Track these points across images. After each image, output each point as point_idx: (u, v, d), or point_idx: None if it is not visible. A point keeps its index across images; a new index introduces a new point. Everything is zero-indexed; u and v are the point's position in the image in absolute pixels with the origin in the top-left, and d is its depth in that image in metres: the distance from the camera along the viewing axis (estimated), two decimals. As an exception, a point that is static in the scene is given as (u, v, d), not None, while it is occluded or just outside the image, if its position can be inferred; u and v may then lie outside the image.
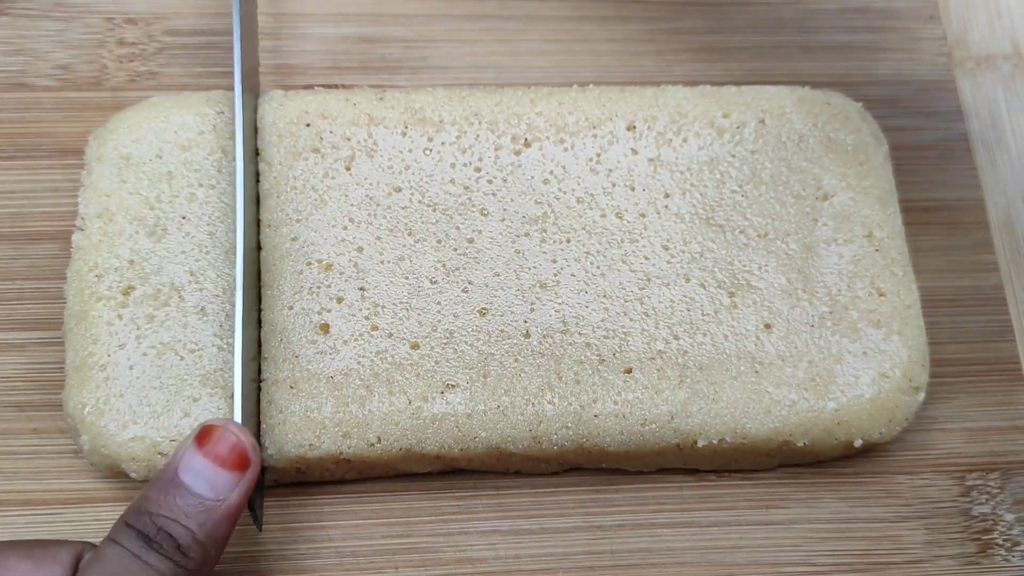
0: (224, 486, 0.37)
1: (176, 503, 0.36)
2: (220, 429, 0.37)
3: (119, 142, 0.44)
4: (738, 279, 0.44)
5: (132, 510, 0.36)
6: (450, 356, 0.42)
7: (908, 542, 0.45)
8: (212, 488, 0.36)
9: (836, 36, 0.54)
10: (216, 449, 0.37)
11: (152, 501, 0.36)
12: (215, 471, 0.37)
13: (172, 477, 0.36)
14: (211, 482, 0.36)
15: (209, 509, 0.36)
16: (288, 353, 0.42)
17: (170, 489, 0.36)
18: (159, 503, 0.36)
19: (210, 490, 0.36)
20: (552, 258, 0.44)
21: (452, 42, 0.53)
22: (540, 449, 0.41)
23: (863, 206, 0.45)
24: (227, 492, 0.37)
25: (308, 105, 0.45)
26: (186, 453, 0.37)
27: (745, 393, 0.42)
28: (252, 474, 0.37)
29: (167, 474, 0.37)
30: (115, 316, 0.41)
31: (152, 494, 0.36)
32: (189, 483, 0.36)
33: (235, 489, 0.37)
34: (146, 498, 0.36)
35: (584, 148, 0.45)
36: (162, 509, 0.36)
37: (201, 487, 0.36)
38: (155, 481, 0.37)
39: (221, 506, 0.36)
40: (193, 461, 0.37)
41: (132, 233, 0.43)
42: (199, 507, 0.36)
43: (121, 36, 0.51)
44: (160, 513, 0.36)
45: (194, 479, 0.36)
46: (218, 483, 0.36)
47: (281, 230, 0.44)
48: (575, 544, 0.44)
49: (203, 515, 0.36)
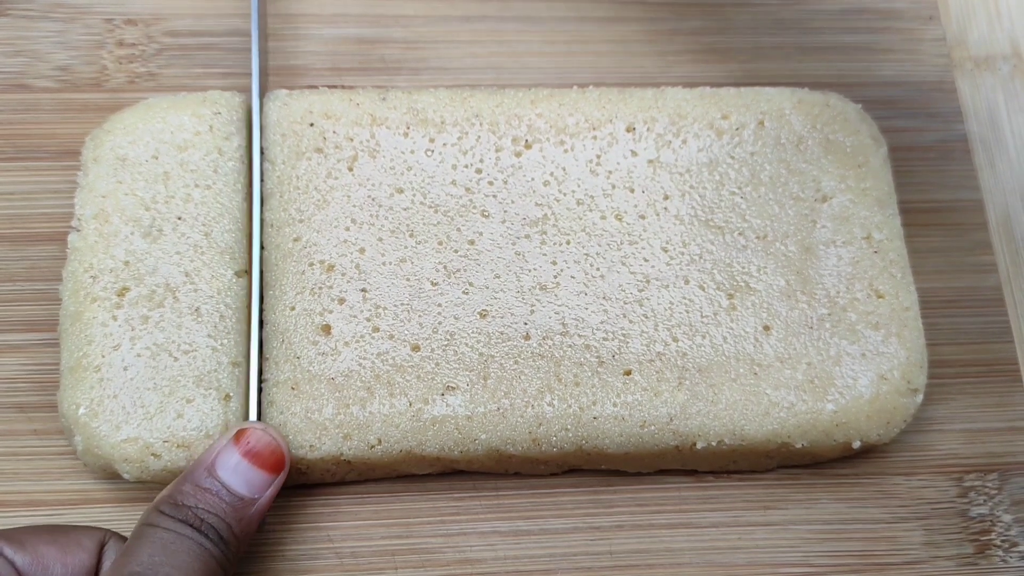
0: (260, 485, 0.38)
1: (214, 499, 0.37)
2: (258, 431, 0.39)
3: (115, 143, 0.44)
4: (737, 281, 0.44)
5: (167, 502, 0.36)
6: (450, 358, 0.42)
7: (906, 543, 0.45)
8: (248, 486, 0.37)
9: (835, 37, 0.54)
10: (254, 449, 0.38)
11: (189, 495, 0.37)
12: (253, 471, 0.38)
13: (207, 475, 0.37)
14: (248, 481, 0.37)
15: (246, 506, 0.37)
16: (289, 354, 0.42)
17: (207, 485, 0.37)
18: (197, 498, 0.37)
19: (247, 488, 0.37)
20: (552, 260, 0.44)
21: (452, 43, 0.53)
22: (539, 451, 0.41)
23: (862, 208, 0.45)
24: (262, 491, 0.38)
25: (312, 105, 0.45)
26: (224, 451, 0.38)
27: (744, 395, 0.42)
28: (284, 475, 0.39)
29: (201, 470, 0.37)
30: (110, 317, 0.42)
31: (188, 488, 0.37)
32: (227, 480, 0.37)
33: (269, 489, 0.38)
34: (181, 492, 0.37)
35: (584, 150, 0.46)
36: (201, 503, 0.36)
37: (238, 485, 0.37)
38: (189, 476, 0.37)
39: (256, 504, 0.37)
40: (232, 460, 0.38)
41: (128, 234, 0.43)
42: (237, 503, 0.37)
43: (121, 37, 0.51)
44: (200, 507, 0.36)
45: (232, 477, 0.37)
46: (255, 482, 0.38)
47: (284, 230, 0.44)
48: (574, 545, 0.44)
49: (240, 511, 0.37)
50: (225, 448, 0.38)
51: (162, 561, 0.35)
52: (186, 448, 0.40)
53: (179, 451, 0.40)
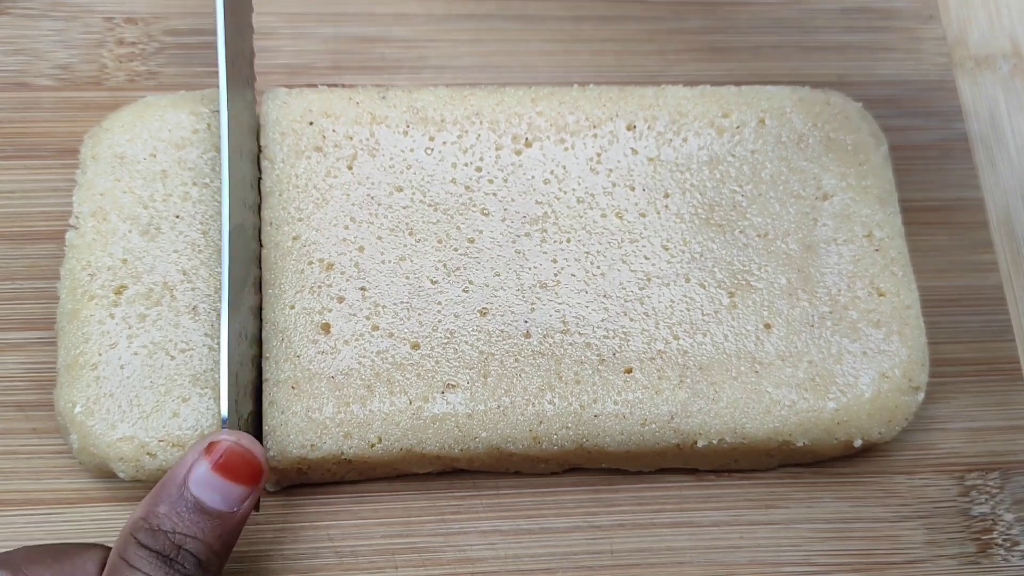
0: (236, 498, 0.36)
1: (191, 518, 0.35)
2: (229, 441, 0.36)
3: (114, 141, 0.44)
4: (738, 279, 0.44)
5: (142, 527, 0.35)
6: (450, 356, 0.42)
7: (908, 542, 0.45)
8: (224, 501, 0.36)
9: (836, 36, 0.55)
10: (227, 462, 0.36)
11: (164, 517, 0.35)
12: (226, 484, 0.36)
13: (181, 491, 0.35)
14: (223, 495, 0.36)
15: (224, 522, 0.35)
16: (289, 353, 0.42)
17: (181, 503, 0.35)
18: (172, 519, 0.35)
19: (224, 503, 0.36)
20: (552, 258, 0.44)
21: (452, 42, 0.53)
22: (540, 449, 0.41)
23: (863, 206, 0.45)
24: (239, 504, 0.36)
25: (312, 103, 0.45)
26: (196, 465, 0.36)
27: (745, 393, 0.42)
28: (263, 484, 0.37)
29: (174, 487, 0.35)
30: (107, 315, 0.41)
31: (163, 509, 0.35)
32: (202, 497, 0.35)
33: (246, 501, 0.36)
34: (155, 514, 0.35)
35: (584, 148, 0.45)
36: (178, 526, 0.35)
37: (215, 500, 0.35)
38: (159, 493, 0.36)
39: (235, 517, 0.36)
40: (204, 476, 0.36)
41: (125, 232, 0.43)
42: (215, 520, 0.35)
43: (121, 36, 0.51)
44: (177, 531, 0.35)
45: (205, 493, 0.35)
46: (231, 496, 0.36)
47: (283, 229, 0.44)
48: (575, 544, 0.44)
49: (219, 528, 0.35)
50: (197, 461, 0.36)
51: None
52: (182, 448, 0.40)
53: (175, 450, 0.40)
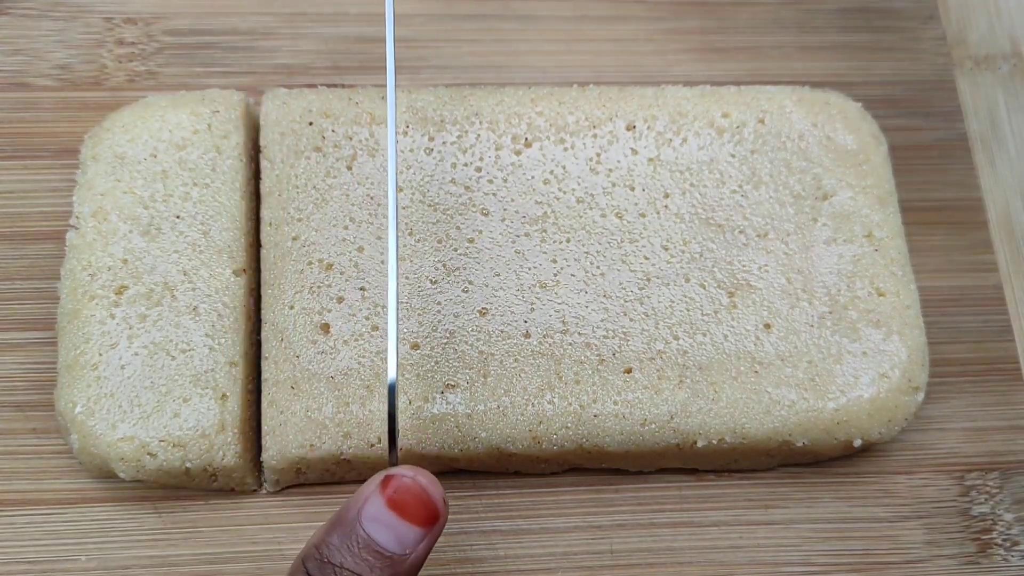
0: (411, 540, 0.34)
1: (361, 555, 0.33)
2: (406, 478, 0.34)
3: (114, 141, 0.44)
4: (738, 279, 0.44)
5: (313, 556, 0.33)
6: (450, 356, 0.42)
7: (907, 542, 0.45)
8: (398, 542, 0.33)
9: (836, 36, 0.55)
10: (401, 499, 0.34)
11: (335, 550, 0.33)
12: (400, 524, 0.33)
13: (354, 526, 0.33)
14: (397, 535, 0.33)
15: (396, 563, 0.33)
16: (289, 353, 0.42)
17: (352, 538, 0.33)
18: (342, 553, 0.33)
19: (396, 544, 0.33)
20: (552, 258, 0.44)
21: (452, 42, 0.53)
22: (540, 449, 0.41)
23: (863, 206, 0.45)
24: (414, 546, 0.34)
25: (311, 104, 0.45)
26: (371, 501, 0.34)
27: (745, 393, 0.42)
28: (439, 528, 0.34)
29: (348, 520, 0.34)
30: (107, 315, 0.41)
31: (334, 540, 0.33)
32: (374, 534, 0.33)
33: (422, 543, 0.34)
34: (327, 544, 0.33)
35: (584, 148, 0.45)
36: (347, 562, 0.33)
37: (386, 539, 0.33)
38: (336, 522, 0.34)
39: (407, 560, 0.33)
40: (379, 512, 0.34)
41: (126, 232, 0.43)
42: (385, 560, 0.33)
43: (120, 36, 0.51)
44: (345, 567, 0.33)
45: (379, 531, 0.33)
46: (405, 537, 0.33)
47: (282, 229, 0.44)
48: (575, 544, 0.44)
49: (389, 570, 0.33)
50: (372, 495, 0.34)
51: None
52: (182, 448, 0.40)
53: (175, 450, 0.40)
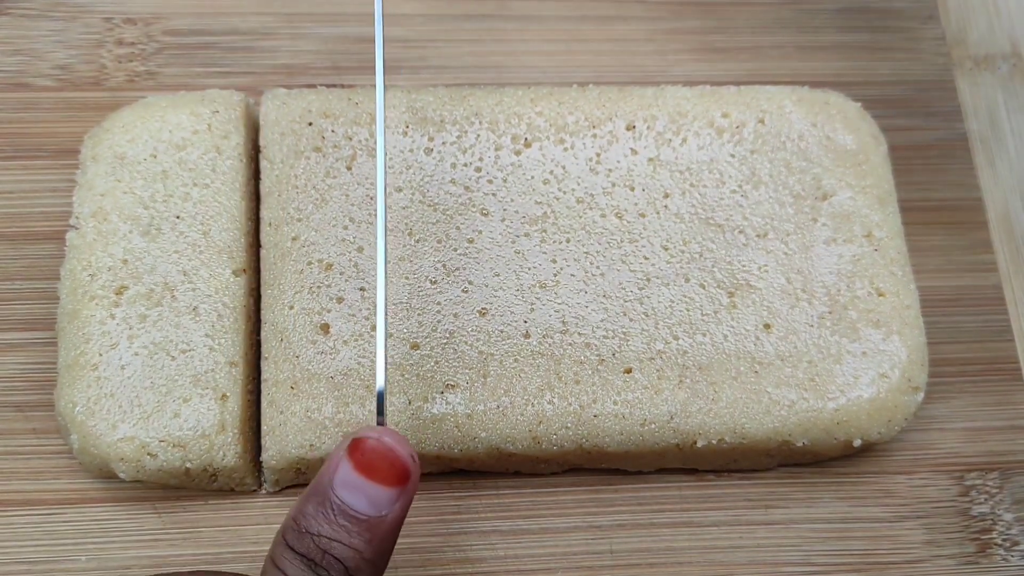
0: (384, 501, 0.33)
1: (338, 522, 0.33)
2: (372, 439, 0.34)
3: (114, 141, 0.44)
4: (737, 279, 0.44)
5: (291, 528, 0.33)
6: (450, 356, 0.42)
7: (907, 542, 0.45)
8: (372, 505, 0.33)
9: (835, 36, 0.55)
10: (368, 461, 0.33)
11: (311, 519, 0.33)
12: (371, 486, 0.33)
13: (327, 494, 0.33)
14: (369, 497, 0.33)
15: (372, 526, 0.33)
16: (288, 353, 0.42)
17: (327, 506, 0.33)
18: (319, 521, 0.33)
19: (369, 506, 0.33)
20: (552, 258, 0.44)
21: (451, 42, 0.53)
22: (540, 449, 0.41)
23: (862, 206, 0.45)
24: (388, 507, 0.33)
25: (311, 104, 0.45)
26: (340, 467, 0.33)
27: (744, 393, 0.42)
28: (412, 486, 0.34)
29: (321, 488, 0.33)
30: (107, 315, 0.41)
31: (310, 510, 0.33)
32: (348, 500, 0.33)
33: (397, 502, 0.33)
34: (303, 514, 0.33)
35: (584, 148, 0.46)
36: (324, 530, 0.33)
37: (359, 503, 0.33)
38: (310, 493, 0.34)
39: (384, 521, 0.33)
40: (347, 474, 0.33)
41: (126, 232, 0.43)
42: (362, 524, 0.33)
43: (120, 36, 0.51)
44: (323, 535, 0.33)
45: (352, 496, 0.33)
46: (377, 498, 0.33)
47: (282, 229, 0.44)
48: (574, 544, 0.44)
49: (367, 533, 0.33)
50: (341, 461, 0.33)
51: None
52: (182, 448, 0.40)
53: (175, 451, 0.40)
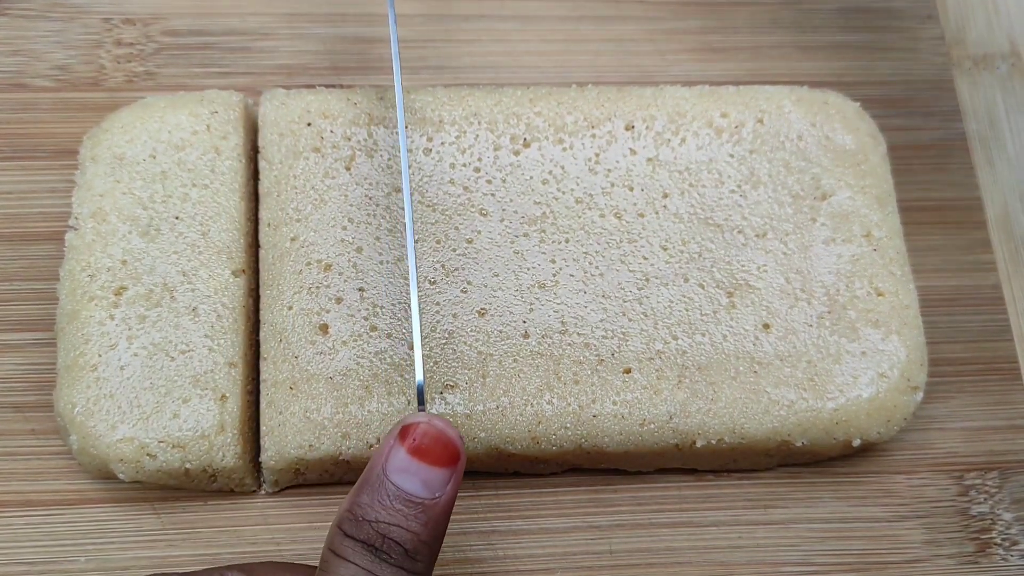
0: (438, 482, 0.34)
1: (393, 507, 0.34)
2: (423, 423, 0.35)
3: (113, 142, 0.44)
4: (737, 279, 0.44)
5: (347, 519, 0.34)
6: (449, 356, 0.42)
7: (906, 541, 0.45)
8: (426, 486, 0.34)
9: (834, 36, 0.55)
10: (422, 444, 0.34)
11: (367, 508, 0.34)
12: (425, 468, 0.34)
13: (381, 480, 0.34)
14: (423, 480, 0.34)
15: (427, 508, 0.34)
16: (287, 354, 0.42)
17: (381, 492, 0.34)
18: (375, 509, 0.34)
19: (424, 489, 0.34)
20: (551, 258, 0.44)
21: (450, 42, 0.53)
22: (539, 449, 0.41)
23: (861, 206, 0.45)
24: (442, 488, 0.34)
25: (309, 104, 0.45)
26: (392, 453, 0.34)
27: (744, 393, 0.42)
28: (461, 466, 0.35)
29: (374, 476, 0.34)
30: (107, 316, 0.41)
31: (364, 499, 0.34)
32: (401, 483, 0.34)
33: (449, 483, 0.34)
34: (359, 504, 0.34)
35: (583, 148, 0.45)
36: (381, 516, 0.34)
37: (414, 486, 0.34)
38: (363, 484, 0.34)
39: (438, 503, 0.34)
40: (400, 460, 0.34)
41: (125, 233, 0.43)
42: (417, 507, 0.34)
43: (119, 36, 0.51)
44: (380, 520, 0.33)
45: (405, 479, 0.34)
46: (431, 480, 0.34)
47: (281, 229, 0.44)
48: (574, 544, 0.44)
49: (423, 515, 0.34)
50: (393, 448, 0.34)
51: None
52: (181, 449, 0.40)
53: (175, 451, 0.40)
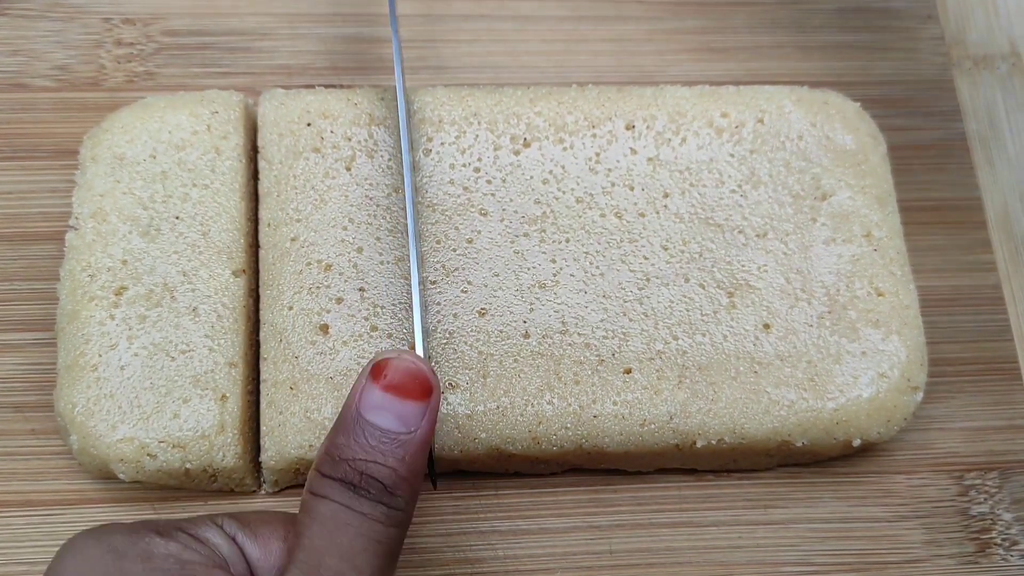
0: (412, 416, 0.34)
1: (369, 444, 0.34)
2: (394, 359, 0.35)
3: (113, 142, 0.44)
4: (737, 279, 0.44)
5: (325, 460, 0.34)
6: (449, 357, 0.42)
7: (906, 541, 0.45)
8: (401, 421, 0.34)
9: (834, 36, 0.55)
10: (395, 380, 0.34)
11: (344, 447, 0.34)
12: (399, 403, 0.34)
13: (355, 418, 0.34)
14: (398, 415, 0.34)
15: (404, 443, 0.34)
16: (288, 354, 0.42)
17: (356, 430, 0.34)
18: (352, 447, 0.34)
19: (399, 423, 0.34)
20: (551, 258, 0.44)
21: (450, 42, 0.53)
22: (540, 449, 0.41)
23: (861, 206, 0.45)
24: (416, 422, 0.34)
25: (309, 104, 0.45)
26: (365, 391, 0.34)
27: (744, 393, 0.42)
28: (436, 400, 0.35)
29: (349, 416, 0.34)
30: (107, 316, 0.41)
31: (340, 439, 0.34)
32: (376, 420, 0.34)
33: (424, 417, 0.34)
34: (335, 445, 0.34)
35: (583, 148, 0.45)
36: (357, 453, 0.34)
37: (389, 422, 0.34)
38: (338, 426, 0.34)
39: (414, 437, 0.34)
40: (374, 397, 0.34)
41: (125, 233, 0.43)
42: (393, 443, 0.34)
43: (119, 36, 0.51)
44: (357, 458, 0.33)
45: (379, 415, 0.34)
46: (405, 414, 0.34)
47: (281, 229, 0.44)
48: (574, 544, 0.44)
49: (399, 450, 0.34)
50: (366, 387, 0.34)
51: (324, 547, 0.32)
52: (182, 449, 0.40)
53: (175, 451, 0.40)
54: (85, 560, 0.32)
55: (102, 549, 0.32)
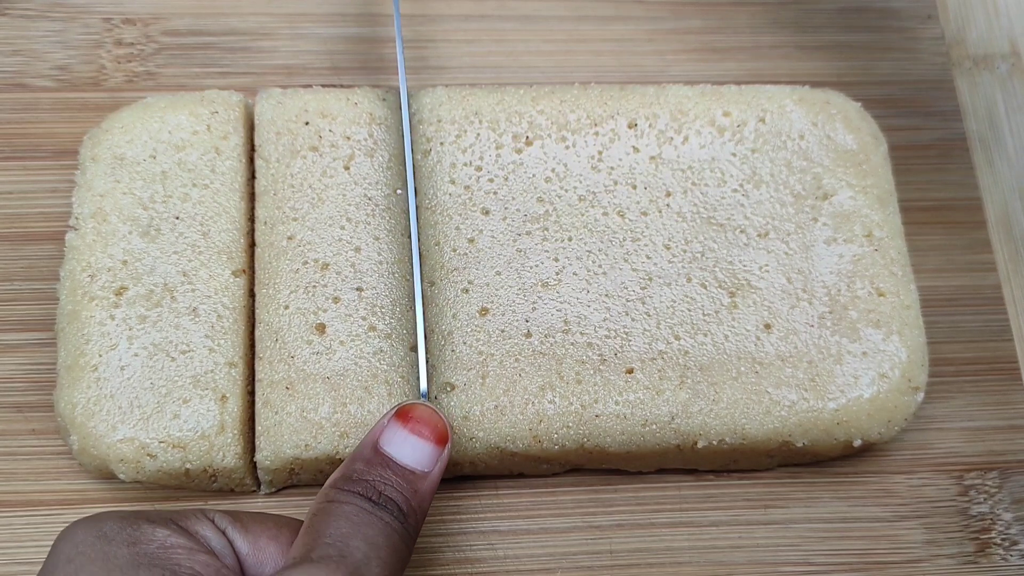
0: (428, 458, 0.37)
1: (387, 474, 0.36)
2: (420, 407, 0.38)
3: (113, 142, 0.44)
4: (739, 279, 0.44)
5: (345, 479, 0.36)
6: (450, 356, 0.42)
7: (906, 541, 0.45)
8: (417, 460, 0.37)
9: (835, 36, 0.55)
10: (418, 424, 0.38)
11: (363, 471, 0.36)
12: (420, 443, 0.37)
13: (376, 452, 0.37)
14: (415, 454, 0.37)
15: (418, 479, 0.37)
16: (284, 354, 0.41)
17: (376, 461, 0.37)
18: (370, 473, 0.36)
19: (416, 462, 0.37)
20: (554, 257, 0.44)
21: (451, 42, 0.53)
22: (541, 449, 0.41)
23: (862, 206, 0.45)
24: (432, 464, 0.37)
25: (307, 103, 0.45)
26: (388, 428, 0.38)
27: (745, 394, 0.42)
28: (448, 451, 0.38)
29: (368, 449, 0.37)
30: (107, 316, 0.41)
31: (358, 466, 0.36)
32: (395, 455, 0.37)
33: (437, 462, 0.38)
34: (353, 470, 0.36)
35: (586, 146, 0.45)
36: (376, 477, 0.36)
37: (407, 458, 0.37)
38: (356, 456, 0.37)
39: (427, 478, 0.37)
40: (397, 434, 0.37)
41: (125, 233, 0.43)
42: (409, 477, 0.37)
43: (119, 37, 0.51)
44: (376, 479, 0.36)
45: (399, 451, 0.37)
46: (422, 456, 0.37)
47: (277, 228, 0.43)
48: (574, 544, 0.44)
49: (413, 485, 0.37)
50: (389, 426, 0.38)
51: (350, 533, 0.34)
52: (182, 449, 0.40)
53: (175, 452, 0.40)
54: (75, 545, 0.33)
55: (93, 535, 0.33)
